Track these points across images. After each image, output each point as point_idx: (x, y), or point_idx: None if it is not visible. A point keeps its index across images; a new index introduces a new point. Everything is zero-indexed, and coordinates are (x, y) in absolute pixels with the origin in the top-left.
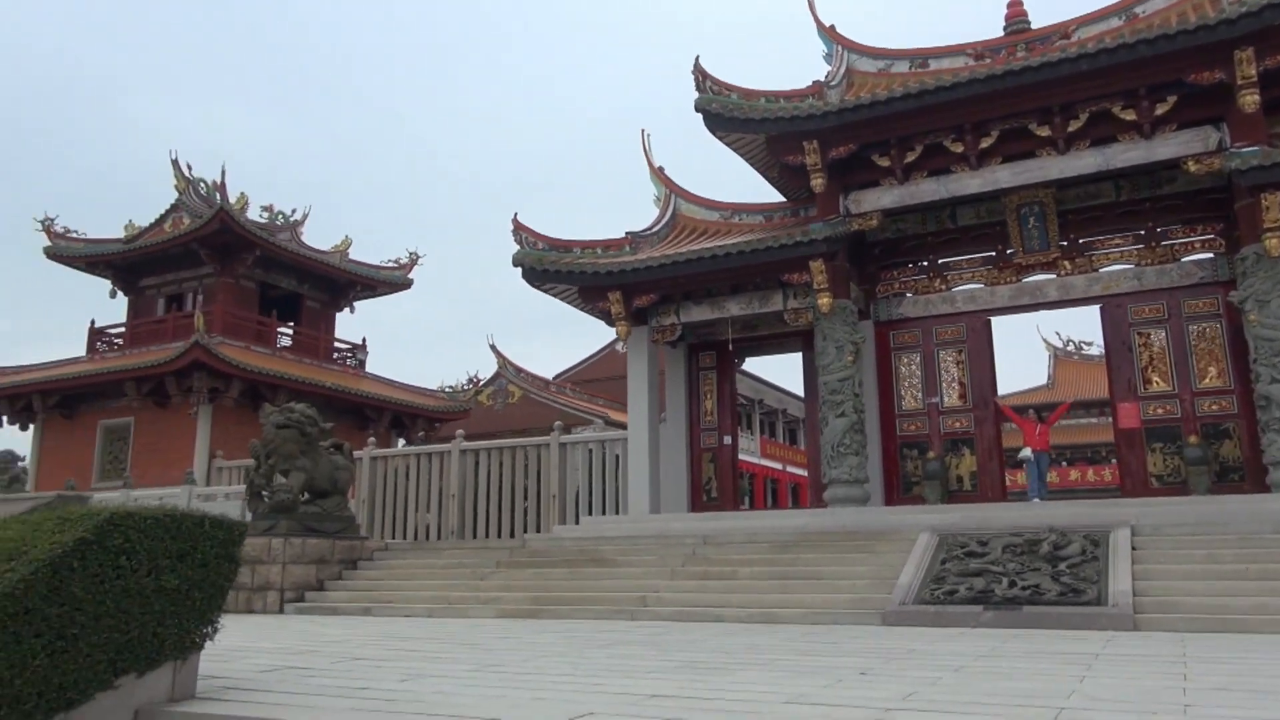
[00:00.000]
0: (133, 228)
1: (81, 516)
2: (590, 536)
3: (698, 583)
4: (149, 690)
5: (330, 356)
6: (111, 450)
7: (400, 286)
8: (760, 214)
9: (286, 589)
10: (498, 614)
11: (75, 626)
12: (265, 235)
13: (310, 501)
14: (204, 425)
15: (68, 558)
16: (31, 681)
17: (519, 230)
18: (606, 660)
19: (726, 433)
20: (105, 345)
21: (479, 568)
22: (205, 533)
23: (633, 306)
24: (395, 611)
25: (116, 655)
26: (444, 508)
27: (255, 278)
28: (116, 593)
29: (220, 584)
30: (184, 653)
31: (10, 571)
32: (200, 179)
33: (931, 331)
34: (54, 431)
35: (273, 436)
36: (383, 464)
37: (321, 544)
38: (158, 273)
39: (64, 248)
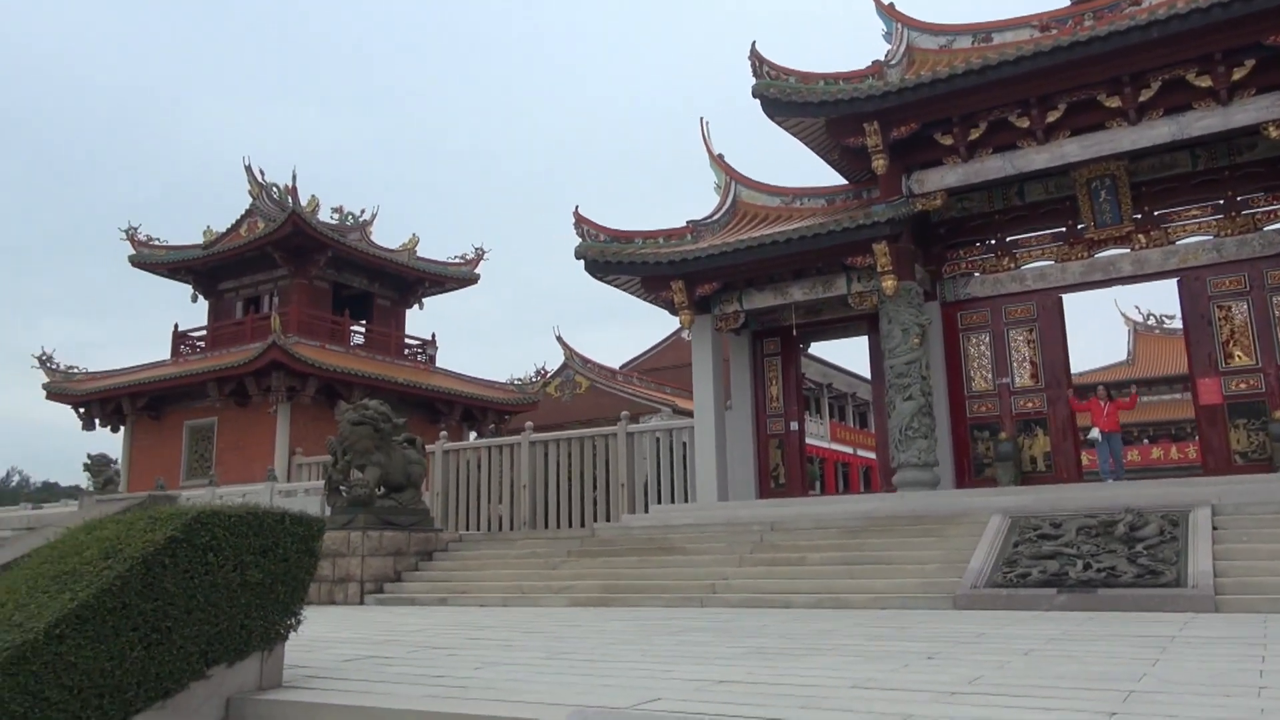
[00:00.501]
0: (211, 233)
1: (171, 515)
2: (659, 525)
3: (766, 569)
4: (239, 679)
5: (401, 353)
6: (197, 449)
7: (467, 282)
8: (822, 197)
9: (366, 581)
10: (569, 603)
11: (169, 620)
12: (336, 236)
13: (386, 495)
14: (283, 423)
15: (160, 555)
16: (131, 672)
17: (580, 223)
18: (675, 647)
19: (793, 418)
20: (188, 348)
21: (550, 557)
22: (286, 529)
23: (695, 295)
24: (470, 601)
25: (208, 646)
26: (515, 499)
27: (328, 278)
28: (205, 587)
29: (302, 578)
30: (270, 643)
31: (108, 569)
32: (273, 184)
33: (1001, 311)
34: (143, 432)
35: (349, 433)
36: (455, 457)
37: (398, 536)
38: (235, 276)
39: (147, 255)
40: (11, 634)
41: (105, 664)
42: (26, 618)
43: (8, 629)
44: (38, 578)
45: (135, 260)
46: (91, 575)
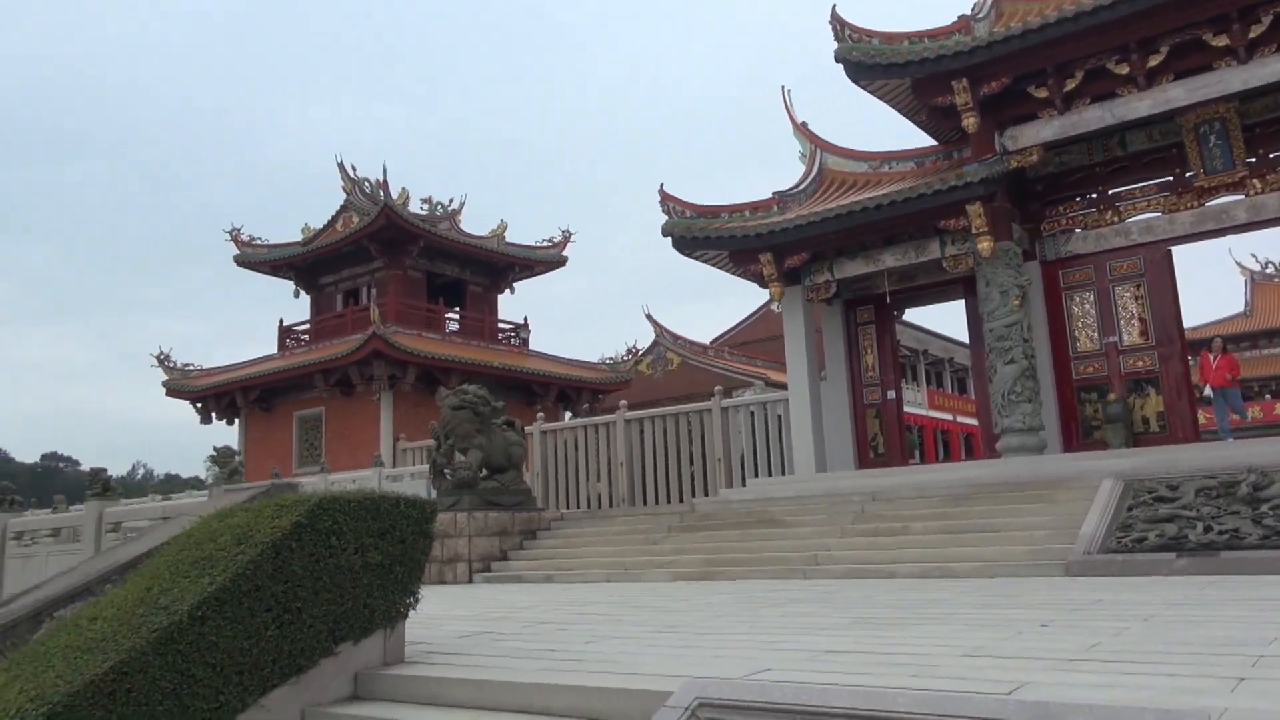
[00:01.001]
0: (309, 230)
1: (295, 502)
2: (758, 498)
3: (868, 539)
4: (365, 656)
5: (495, 337)
6: (307, 438)
7: (556, 264)
8: (910, 160)
9: (474, 560)
10: (672, 577)
11: (298, 600)
12: (427, 226)
13: (488, 477)
14: (386, 410)
15: (287, 540)
16: (266, 650)
17: (666, 200)
18: (781, 619)
19: (889, 387)
20: (294, 341)
21: (651, 533)
22: (401, 512)
23: (785, 266)
24: (575, 578)
25: (335, 625)
26: (613, 476)
27: (421, 267)
28: (330, 569)
29: (418, 558)
30: (392, 621)
31: (241, 554)
32: (364, 179)
33: (1105, 267)
34: (256, 424)
35: (449, 418)
36: (552, 437)
37: (502, 516)
38: (334, 270)
39: (250, 255)
40: (159, 616)
41: (243, 643)
42: (171, 601)
43: (155, 611)
44: (178, 563)
45: (239, 260)
46: (226, 560)
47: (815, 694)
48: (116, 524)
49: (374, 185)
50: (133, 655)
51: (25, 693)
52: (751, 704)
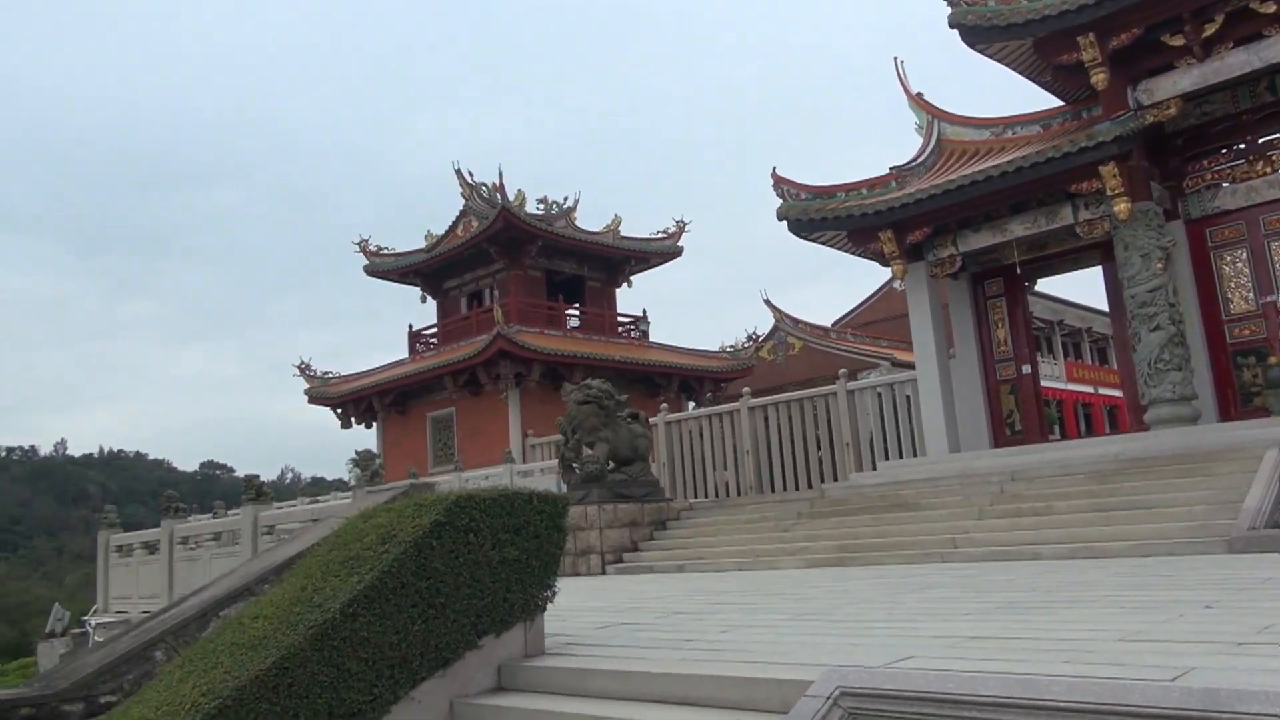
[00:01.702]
0: (431, 237)
1: (433, 501)
2: (889, 481)
3: (1009, 520)
4: (506, 648)
5: (615, 331)
6: (440, 438)
7: (671, 255)
8: (1035, 124)
9: (605, 552)
10: (804, 564)
11: (441, 596)
12: (544, 225)
13: (616, 470)
14: (514, 407)
15: (428, 538)
16: (414, 644)
17: (779, 183)
18: (920, 604)
19: (1024, 361)
20: (423, 345)
21: (781, 520)
22: (535, 507)
23: (906, 243)
24: (706, 567)
25: (477, 619)
26: (739, 464)
27: (540, 266)
28: (469, 565)
29: (553, 552)
30: (531, 614)
31: (386, 552)
32: (481, 183)
33: (1258, 222)
34: (392, 426)
35: (575, 412)
36: (676, 428)
37: (631, 508)
38: (457, 274)
39: (378, 264)
40: (314, 614)
41: (392, 637)
42: (324, 599)
43: (310, 609)
44: (328, 563)
45: (369, 269)
46: (373, 559)
47: (962, 682)
48: (271, 527)
49: (491, 189)
50: (292, 651)
51: (198, 687)
52: (895, 693)
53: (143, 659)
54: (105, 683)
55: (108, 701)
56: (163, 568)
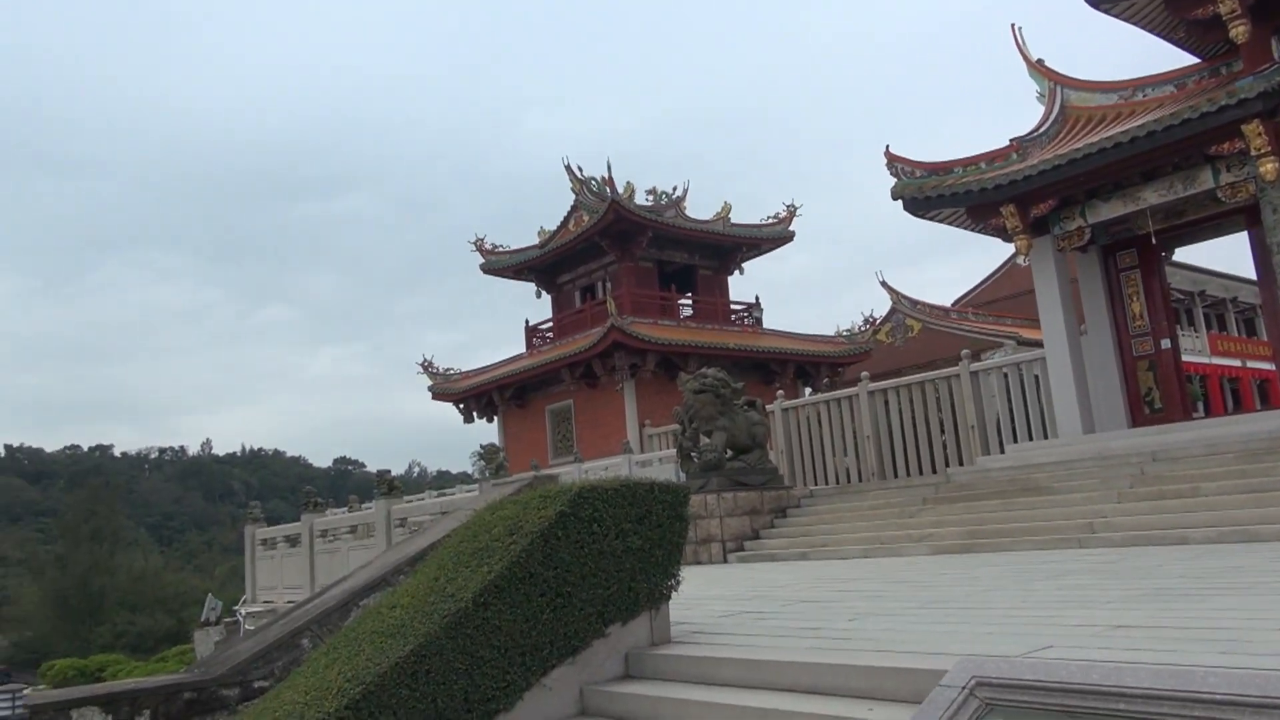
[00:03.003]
0: (544, 233)
1: (557, 493)
2: (1019, 464)
3: (1151, 504)
4: (633, 636)
5: (728, 319)
6: (559, 430)
7: (782, 240)
8: (1168, 84)
9: (726, 540)
10: (931, 551)
11: (568, 585)
12: (654, 216)
13: (734, 458)
14: (630, 398)
15: (553, 528)
16: (543, 632)
17: (893, 161)
18: (1056, 591)
19: (1163, 335)
20: (539, 340)
21: (905, 506)
22: (656, 497)
23: (1030, 217)
24: (830, 554)
25: (603, 607)
26: (860, 450)
27: (651, 257)
28: (594, 555)
29: (675, 541)
30: (656, 603)
31: (513, 543)
32: (591, 177)
33: None
34: (513, 420)
35: (692, 402)
36: (794, 414)
37: (751, 496)
38: (570, 269)
39: (494, 261)
40: (448, 603)
41: (522, 625)
42: (456, 589)
43: (444, 599)
44: (459, 554)
45: (485, 267)
46: (501, 550)
47: (1107, 673)
48: (403, 519)
49: (600, 183)
50: (428, 639)
51: (343, 673)
52: (1035, 683)
53: (291, 646)
54: (258, 669)
55: (260, 686)
56: (304, 560)
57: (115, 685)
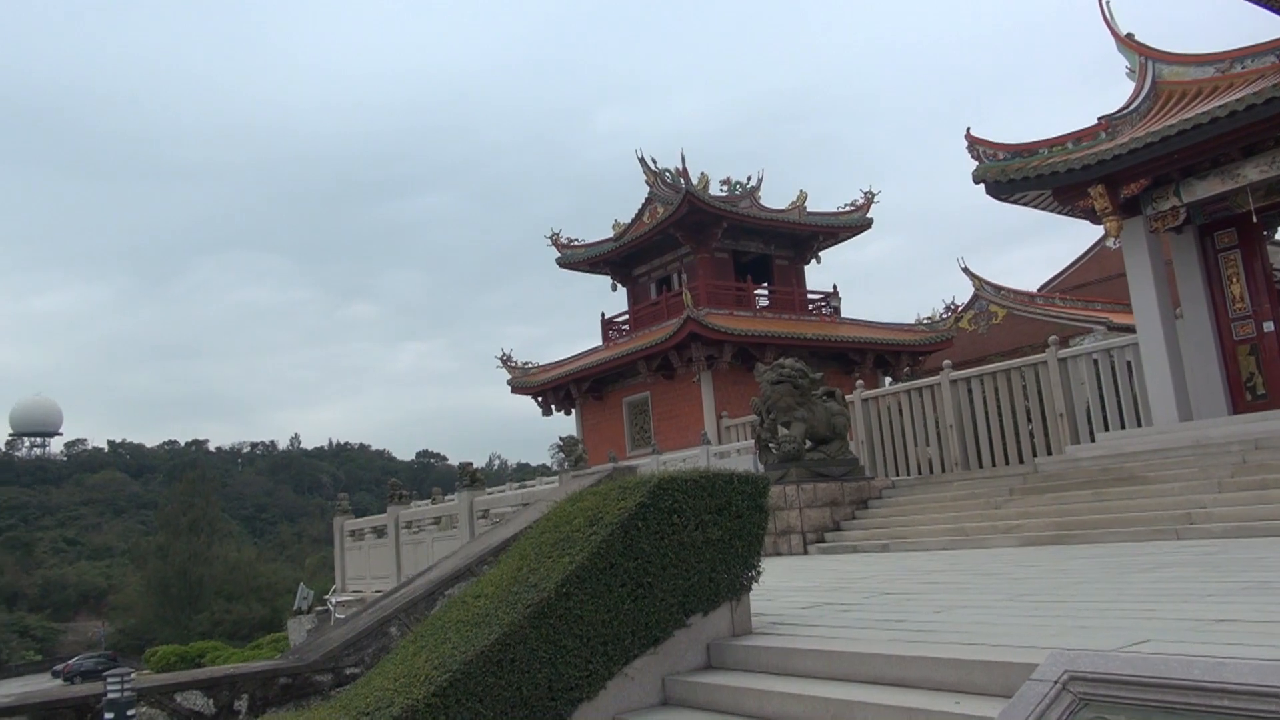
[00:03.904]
0: (619, 226)
1: (636, 484)
2: (1110, 453)
3: (1255, 493)
4: (714, 627)
5: (805, 308)
6: (636, 422)
7: (860, 228)
8: (1269, 54)
9: (806, 531)
10: (1019, 542)
11: (648, 576)
12: (728, 207)
13: (813, 449)
14: (706, 389)
15: (634, 519)
16: (625, 622)
17: (974, 144)
18: (1152, 584)
19: (1265, 318)
20: (615, 332)
21: (991, 497)
22: (735, 488)
23: (1120, 197)
24: (912, 546)
25: (684, 598)
26: (942, 440)
27: (726, 247)
28: (674, 546)
29: (755, 532)
30: (736, 594)
31: (594, 534)
32: (665, 169)
33: None
34: (590, 412)
35: (769, 393)
36: (874, 404)
37: (831, 487)
38: (645, 261)
39: (570, 255)
40: (530, 593)
41: (604, 615)
42: (539, 579)
43: (527, 589)
44: (541, 545)
45: (561, 261)
46: (582, 541)
47: (1209, 668)
48: (485, 511)
49: (674, 174)
50: (513, 628)
51: (430, 661)
52: (1131, 678)
53: (380, 634)
54: (349, 656)
55: (351, 673)
56: (390, 550)
57: (215, 670)
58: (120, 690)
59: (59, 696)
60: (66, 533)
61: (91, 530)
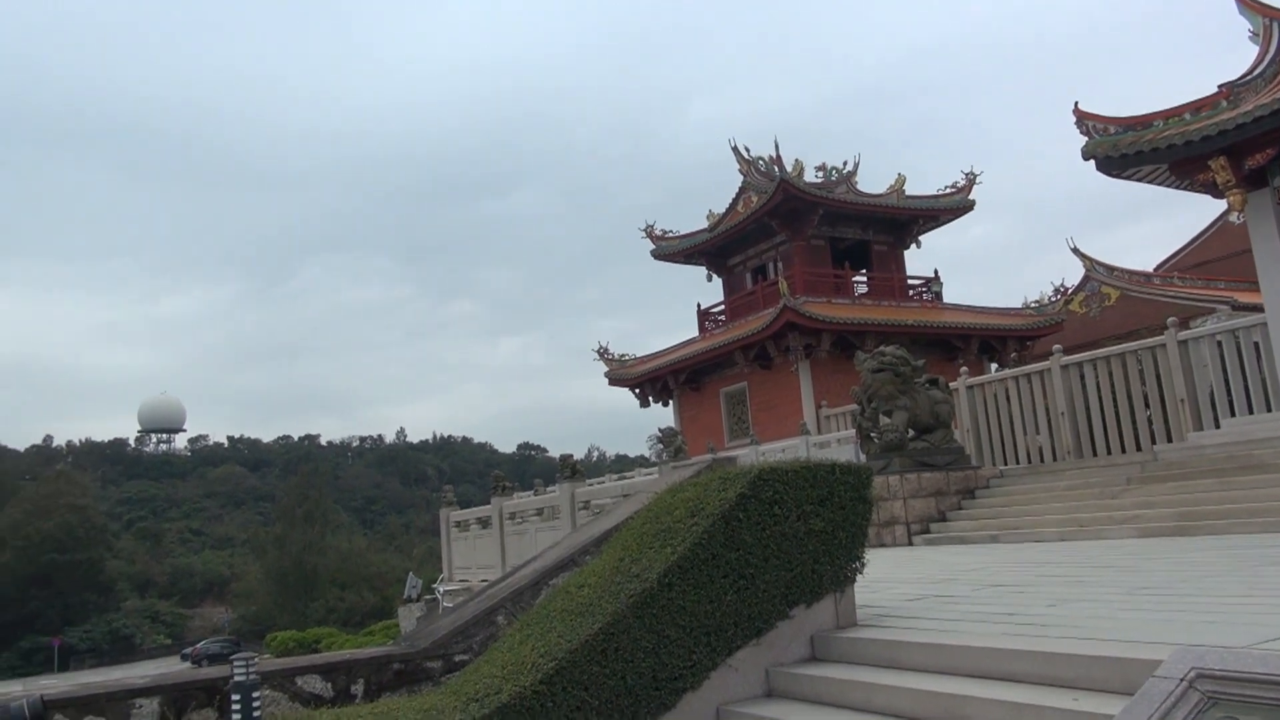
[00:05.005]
0: (712, 216)
1: (737, 475)
2: (1238, 440)
3: None
4: (818, 619)
5: (905, 294)
6: (734, 412)
7: (961, 210)
8: None
9: (911, 522)
10: (1138, 534)
11: (750, 567)
12: (824, 193)
13: (917, 438)
14: (805, 379)
15: (735, 510)
16: (727, 613)
17: (1083, 119)
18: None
19: None
20: (711, 323)
21: (1106, 486)
22: (838, 479)
23: (1244, 169)
24: (1023, 537)
25: (786, 589)
26: (1053, 427)
27: (823, 234)
28: (775, 536)
29: (859, 523)
30: (840, 585)
31: (695, 525)
32: (758, 158)
33: None
34: (687, 403)
35: (870, 381)
36: (979, 391)
37: (935, 477)
38: (740, 250)
39: (664, 247)
40: (633, 583)
41: (706, 606)
42: (641, 569)
43: (629, 579)
44: (642, 535)
45: (655, 253)
46: (683, 531)
47: None
48: (586, 502)
49: (768, 162)
50: (616, 618)
51: (537, 649)
52: (1265, 677)
53: (487, 623)
54: (458, 643)
55: (461, 660)
56: (495, 541)
57: (332, 655)
58: (245, 673)
59: (189, 679)
60: (192, 524)
61: (214, 521)
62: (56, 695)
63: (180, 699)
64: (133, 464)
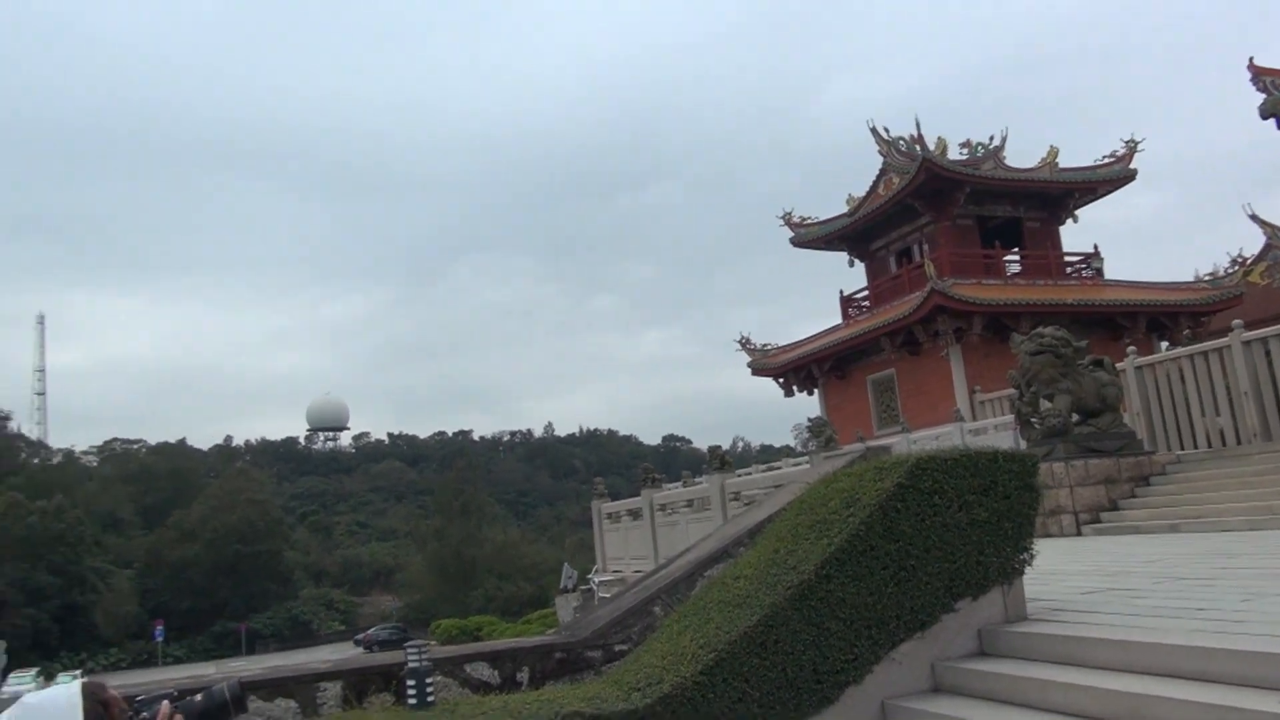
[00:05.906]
0: (852, 200)
1: (893, 465)
2: None
3: None
4: (985, 612)
5: (1062, 272)
6: (882, 400)
7: (1122, 181)
8: None
9: (1079, 511)
10: None
11: (910, 558)
12: (969, 170)
13: (1081, 422)
14: (956, 364)
15: (892, 500)
16: (887, 605)
17: (1259, 75)
18: None
19: None
20: (855, 309)
21: None
22: (1000, 467)
23: None
24: (1206, 526)
25: (950, 581)
26: (1236, 408)
27: (969, 213)
28: (936, 527)
29: (1025, 513)
30: (1008, 577)
31: (851, 516)
32: (899, 138)
33: None
34: (833, 392)
35: (1028, 364)
36: (1149, 372)
37: (1104, 463)
38: (882, 234)
39: (803, 234)
40: (790, 575)
41: (866, 598)
42: (797, 561)
43: (785, 571)
44: (796, 527)
45: (794, 241)
46: (839, 523)
47: None
48: (735, 493)
49: (909, 142)
50: (774, 610)
51: (695, 640)
52: None
53: (644, 613)
54: (616, 633)
55: (620, 649)
56: (646, 532)
57: (498, 644)
58: (419, 660)
59: (368, 664)
60: (358, 517)
61: (378, 515)
62: (251, 679)
63: (360, 683)
64: (303, 461)
